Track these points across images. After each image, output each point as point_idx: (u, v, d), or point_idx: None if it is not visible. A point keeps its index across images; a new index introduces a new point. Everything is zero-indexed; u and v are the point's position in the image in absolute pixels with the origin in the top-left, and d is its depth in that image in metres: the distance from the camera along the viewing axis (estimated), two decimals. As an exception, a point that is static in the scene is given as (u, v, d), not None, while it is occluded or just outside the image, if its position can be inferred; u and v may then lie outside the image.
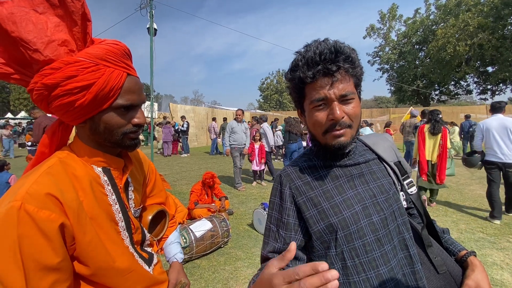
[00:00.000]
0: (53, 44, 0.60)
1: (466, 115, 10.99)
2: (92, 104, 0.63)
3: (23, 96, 37.40)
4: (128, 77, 0.68)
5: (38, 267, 0.55)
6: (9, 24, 0.56)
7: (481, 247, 3.21)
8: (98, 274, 0.66)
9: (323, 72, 0.64)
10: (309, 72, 0.65)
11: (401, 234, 0.70)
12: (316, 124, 0.69)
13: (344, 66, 0.64)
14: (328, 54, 0.64)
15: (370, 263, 0.65)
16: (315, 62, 0.65)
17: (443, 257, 0.73)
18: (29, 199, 0.56)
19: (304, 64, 0.66)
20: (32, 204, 0.55)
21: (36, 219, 0.55)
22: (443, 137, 4.23)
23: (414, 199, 0.78)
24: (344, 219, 0.68)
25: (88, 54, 0.62)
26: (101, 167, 0.72)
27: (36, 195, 0.57)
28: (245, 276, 2.66)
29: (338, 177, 0.73)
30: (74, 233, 0.61)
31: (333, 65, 0.64)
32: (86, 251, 0.63)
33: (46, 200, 0.57)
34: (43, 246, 0.56)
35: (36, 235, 0.55)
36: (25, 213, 0.55)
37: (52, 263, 0.57)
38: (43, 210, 0.56)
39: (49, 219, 0.57)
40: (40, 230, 0.55)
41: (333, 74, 0.64)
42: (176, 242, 1.05)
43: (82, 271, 0.65)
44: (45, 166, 0.64)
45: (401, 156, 0.82)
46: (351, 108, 0.67)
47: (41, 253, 0.55)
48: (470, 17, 18.99)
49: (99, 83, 0.62)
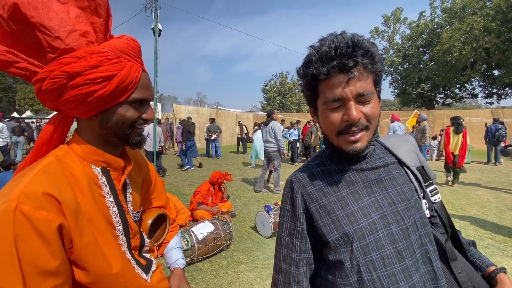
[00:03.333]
0: (75, 33, 0.60)
1: (495, 118, 10.24)
2: (111, 95, 0.63)
3: (29, 96, 37.80)
4: (143, 73, 0.69)
5: (36, 271, 0.52)
6: (29, 9, 0.56)
7: (490, 254, 3.12)
8: (97, 282, 0.63)
9: (339, 68, 0.58)
10: (323, 68, 0.59)
11: (423, 246, 0.64)
12: (330, 125, 0.64)
13: (363, 61, 0.58)
14: (344, 48, 0.58)
15: (389, 277, 0.60)
16: (330, 57, 0.59)
17: (469, 273, 0.67)
18: (24, 199, 0.52)
19: (318, 59, 0.60)
20: (28, 205, 0.52)
21: (33, 220, 0.52)
22: (464, 136, 6.11)
23: (438, 207, 0.72)
24: (360, 229, 0.62)
25: (112, 46, 0.63)
26: (100, 167, 0.69)
27: (32, 194, 0.53)
28: (248, 280, 2.60)
29: (354, 182, 0.68)
30: (71, 234, 0.58)
31: (350, 60, 0.57)
32: (84, 255, 0.60)
33: (43, 200, 0.54)
34: (41, 249, 0.52)
35: (33, 237, 0.52)
36: (21, 214, 0.51)
37: (50, 267, 0.53)
38: (40, 211, 0.53)
39: (47, 220, 0.53)
40: (38, 232, 0.52)
41: (350, 70, 0.58)
42: (178, 247, 1.01)
43: (82, 279, 0.61)
44: (41, 165, 0.60)
45: (424, 161, 0.76)
46: (370, 109, 0.61)
47: (39, 256, 0.52)
48: (476, 20, 18.82)
49: (121, 75, 0.63)
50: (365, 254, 0.61)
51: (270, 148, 5.50)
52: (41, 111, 35.76)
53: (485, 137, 9.94)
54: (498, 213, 4.50)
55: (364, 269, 0.61)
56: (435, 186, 0.74)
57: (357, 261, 0.61)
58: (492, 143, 9.61)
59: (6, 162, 4.26)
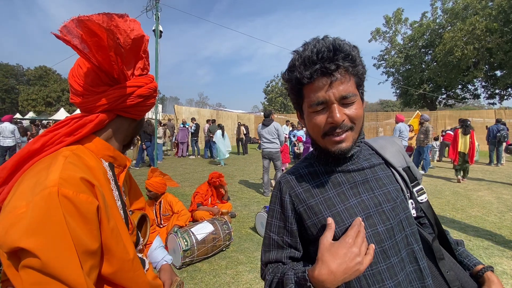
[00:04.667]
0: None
1: (497, 119, 10.11)
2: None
3: (31, 97, 38.10)
4: None
5: (82, 250, 0.54)
6: (146, 44, 0.73)
7: (490, 255, 3.11)
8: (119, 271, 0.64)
9: (321, 71, 0.60)
10: (306, 72, 0.61)
11: (409, 245, 0.65)
12: (315, 128, 0.66)
13: (344, 64, 0.60)
14: (326, 52, 0.59)
15: (374, 276, 0.61)
16: (312, 61, 0.60)
17: (457, 272, 0.68)
18: (65, 183, 0.54)
19: (301, 64, 0.62)
20: (70, 189, 0.54)
21: (76, 203, 0.54)
22: (472, 137, 6.82)
23: (425, 207, 0.72)
24: (346, 229, 0.63)
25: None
26: (108, 162, 0.73)
27: (71, 179, 0.56)
28: (247, 281, 2.61)
29: (341, 183, 0.69)
30: (102, 218, 0.61)
31: (332, 63, 0.59)
32: (110, 238, 0.62)
33: (81, 184, 0.57)
34: (84, 229, 0.55)
35: (78, 218, 0.54)
36: (64, 197, 0.53)
37: (92, 247, 0.56)
38: (81, 194, 0.55)
39: (88, 201, 0.56)
40: (81, 214, 0.55)
41: (332, 74, 0.60)
42: (161, 246, 1.05)
43: (106, 270, 0.63)
44: (61, 157, 0.61)
45: (410, 161, 0.77)
46: (353, 111, 0.63)
47: (84, 237, 0.55)
48: (478, 21, 18.73)
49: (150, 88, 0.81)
50: None
51: (273, 149, 5.36)
52: (44, 112, 35.97)
53: (487, 138, 9.86)
54: (498, 214, 4.48)
55: None
56: (422, 186, 0.75)
57: None
58: (494, 144, 9.52)
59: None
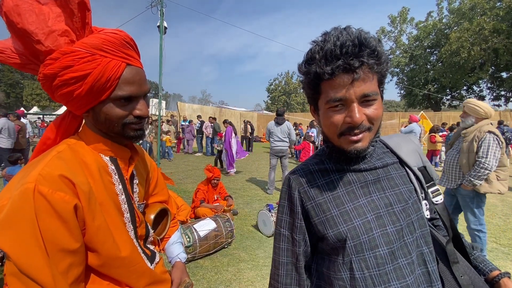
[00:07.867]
0: (53, 34, 0.60)
1: (499, 121, 9.76)
2: (90, 94, 0.62)
3: (36, 92, 38.29)
4: (128, 67, 0.65)
5: (57, 248, 0.55)
6: (14, 16, 0.58)
7: (494, 258, 3.07)
8: (106, 265, 0.65)
9: (344, 68, 0.55)
10: (327, 68, 0.56)
11: (419, 248, 0.63)
12: (332, 126, 0.62)
13: (369, 62, 0.55)
14: (350, 46, 0.54)
15: (381, 276, 0.59)
16: (335, 56, 0.55)
17: (471, 276, 0.65)
18: (42, 181, 0.54)
19: (322, 57, 0.57)
20: (46, 186, 0.54)
21: (51, 200, 0.54)
22: None
23: (440, 209, 0.70)
24: (354, 228, 0.62)
25: (84, 44, 0.61)
26: (109, 156, 0.71)
27: (49, 176, 0.56)
28: (248, 278, 2.61)
29: (351, 182, 0.67)
30: (84, 216, 0.60)
31: (356, 60, 0.54)
32: (95, 237, 0.62)
33: (59, 182, 0.56)
34: (60, 228, 0.55)
35: (52, 216, 0.54)
36: (40, 195, 0.53)
37: (68, 245, 0.56)
38: (58, 192, 0.55)
39: (64, 200, 0.56)
40: (56, 212, 0.55)
41: (355, 71, 0.55)
42: (179, 242, 1.03)
43: (93, 261, 0.64)
44: (54, 152, 0.63)
45: (427, 161, 0.74)
46: (373, 110, 0.59)
47: (58, 235, 0.55)
48: (485, 21, 18.49)
49: (95, 73, 0.60)
50: (358, 253, 0.61)
51: (284, 147, 5.73)
52: (48, 107, 36.14)
53: None
54: (503, 216, 4.44)
55: (356, 266, 0.61)
56: (438, 187, 0.72)
57: (350, 258, 0.61)
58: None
59: (13, 157, 4.36)
